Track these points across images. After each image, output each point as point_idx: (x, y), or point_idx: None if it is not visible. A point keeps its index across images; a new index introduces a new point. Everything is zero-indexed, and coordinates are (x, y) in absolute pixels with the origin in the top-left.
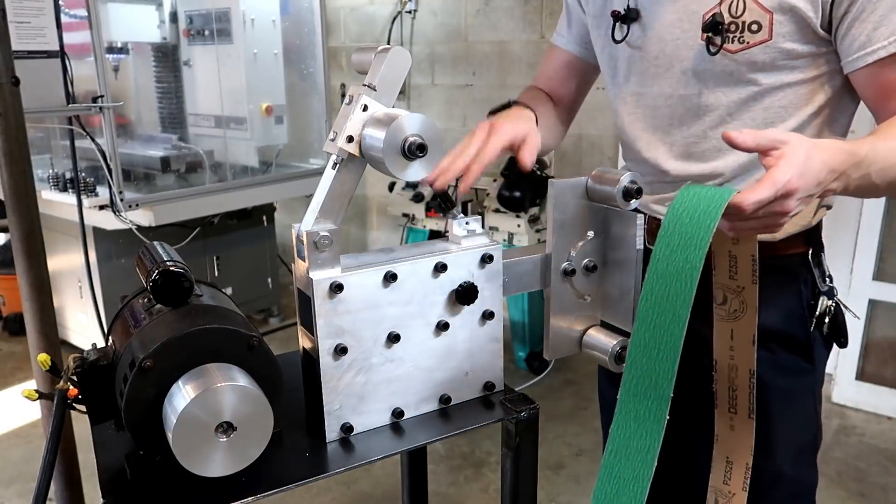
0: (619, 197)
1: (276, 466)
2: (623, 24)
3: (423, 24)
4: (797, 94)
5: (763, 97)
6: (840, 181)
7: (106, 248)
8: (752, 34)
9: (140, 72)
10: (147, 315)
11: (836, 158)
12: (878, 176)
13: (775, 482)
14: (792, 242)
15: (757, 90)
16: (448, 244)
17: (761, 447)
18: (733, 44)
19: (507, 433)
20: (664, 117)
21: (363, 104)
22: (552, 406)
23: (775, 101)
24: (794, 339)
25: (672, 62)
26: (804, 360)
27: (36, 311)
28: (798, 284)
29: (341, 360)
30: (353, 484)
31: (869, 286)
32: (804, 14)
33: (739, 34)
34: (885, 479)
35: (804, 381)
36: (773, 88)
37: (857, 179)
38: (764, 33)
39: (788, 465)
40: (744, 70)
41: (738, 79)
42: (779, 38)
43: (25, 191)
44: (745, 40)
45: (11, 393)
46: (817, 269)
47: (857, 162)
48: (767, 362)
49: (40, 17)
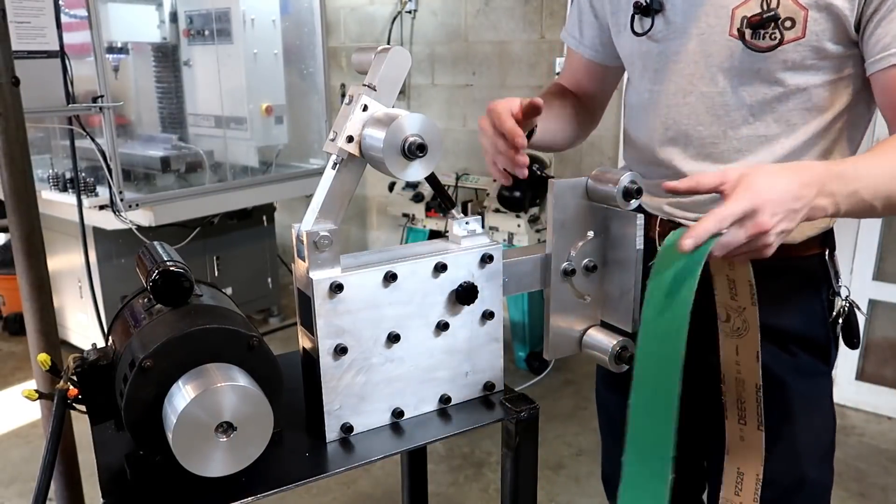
0: (620, 197)
1: (276, 466)
2: (645, 16)
3: (423, 24)
4: (820, 96)
5: (787, 99)
6: (824, 197)
7: (106, 248)
8: (786, 31)
9: (140, 72)
10: (147, 315)
11: (806, 172)
12: (870, 193)
13: (799, 486)
14: (810, 244)
15: (781, 91)
16: (448, 244)
17: (786, 452)
18: (764, 40)
19: (507, 433)
20: (682, 116)
21: (363, 104)
22: (552, 406)
23: (799, 104)
24: (814, 341)
25: (696, 58)
26: (823, 363)
27: (36, 311)
28: (818, 285)
29: (341, 360)
30: (353, 484)
31: (869, 286)
32: (840, 12)
33: (771, 31)
34: (885, 479)
35: (824, 384)
36: (798, 90)
37: (846, 197)
38: (798, 30)
39: (813, 468)
40: (772, 69)
41: (764, 78)
42: (812, 35)
43: (25, 191)
44: (776, 37)
45: (11, 393)
46: (832, 270)
47: (836, 174)
48: (789, 366)
49: (40, 17)
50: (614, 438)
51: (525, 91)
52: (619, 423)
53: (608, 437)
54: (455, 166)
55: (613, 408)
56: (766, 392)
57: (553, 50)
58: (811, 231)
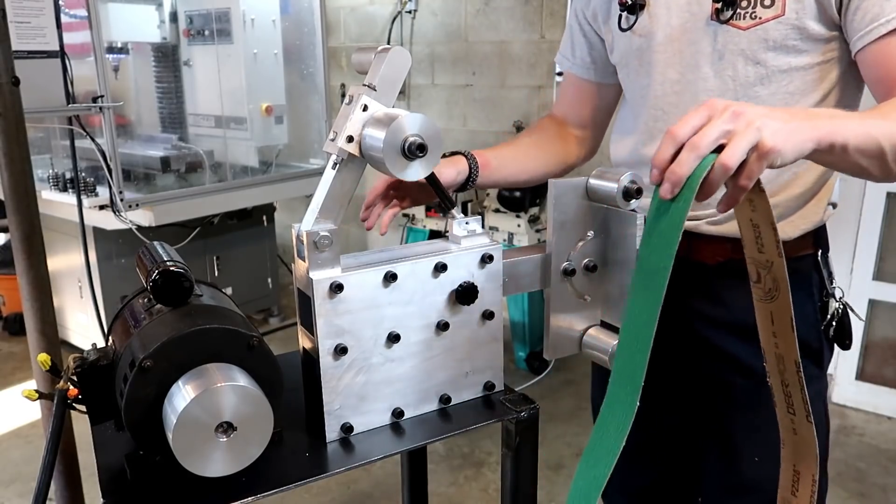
0: (620, 197)
1: (276, 466)
2: (631, 13)
3: (423, 24)
4: (804, 79)
5: (770, 81)
6: (824, 121)
7: (106, 248)
8: (764, 9)
9: (140, 72)
10: (147, 315)
11: (787, 106)
12: (880, 131)
13: None
14: (801, 244)
15: (765, 72)
16: (448, 244)
17: (776, 455)
18: (745, 20)
19: (507, 433)
20: (670, 105)
21: (363, 104)
22: (552, 406)
23: (782, 87)
24: (807, 345)
25: (680, 46)
26: (815, 366)
27: (36, 311)
28: (810, 288)
29: (341, 360)
30: (353, 484)
31: (869, 286)
32: None
33: (752, 9)
34: (885, 479)
35: (817, 388)
36: (780, 72)
37: (853, 129)
38: (777, 8)
39: None
40: (755, 48)
41: (748, 58)
42: (791, 13)
43: (25, 191)
44: (757, 15)
45: (11, 393)
46: (825, 271)
47: (827, 111)
48: None
49: (40, 17)
50: None
51: (525, 91)
52: None
53: None
54: None
55: None
56: (752, 398)
57: (553, 50)
58: (805, 225)
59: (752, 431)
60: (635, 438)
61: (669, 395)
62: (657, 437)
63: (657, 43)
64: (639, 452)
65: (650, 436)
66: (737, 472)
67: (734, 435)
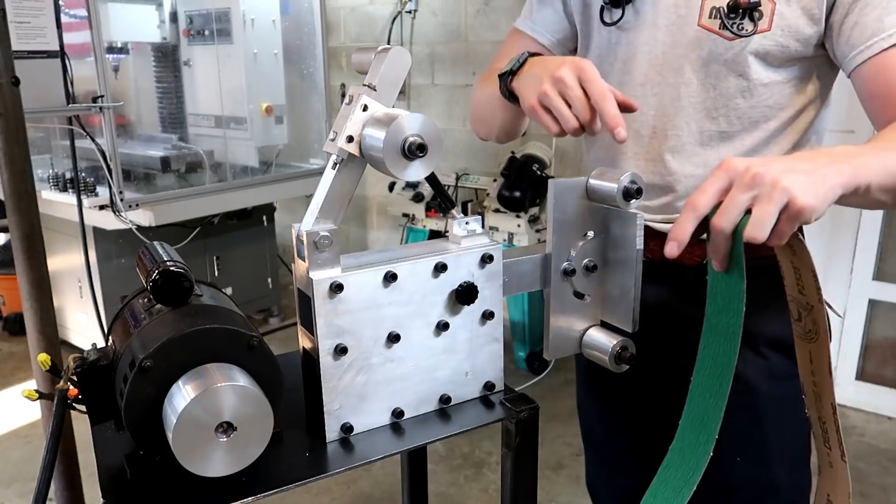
0: (620, 197)
1: (276, 466)
2: (616, 7)
3: (423, 24)
4: (783, 93)
5: (752, 94)
6: (844, 164)
7: (106, 248)
8: (752, 23)
9: (140, 72)
10: (147, 315)
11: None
12: None
13: (773, 493)
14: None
15: (747, 85)
16: (448, 244)
17: (758, 456)
18: (731, 31)
19: (507, 433)
20: (648, 107)
21: (363, 104)
22: (552, 406)
23: (763, 100)
24: (786, 343)
25: (664, 48)
26: (796, 365)
27: (36, 311)
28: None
29: (341, 360)
30: (353, 484)
31: (869, 286)
32: (807, 9)
33: (739, 21)
34: (885, 479)
35: (795, 386)
36: (761, 85)
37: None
38: (764, 23)
39: (785, 473)
40: (739, 60)
41: (731, 68)
42: (777, 30)
43: (25, 191)
44: (744, 28)
45: (11, 393)
46: None
47: (842, 149)
48: (760, 368)
49: (40, 17)
50: (594, 447)
51: None
52: (597, 432)
53: (588, 445)
54: (455, 166)
55: (592, 416)
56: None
57: None
58: None
59: (733, 433)
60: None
61: (654, 398)
62: (644, 440)
63: (641, 42)
64: (626, 455)
65: (636, 439)
66: (719, 474)
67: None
